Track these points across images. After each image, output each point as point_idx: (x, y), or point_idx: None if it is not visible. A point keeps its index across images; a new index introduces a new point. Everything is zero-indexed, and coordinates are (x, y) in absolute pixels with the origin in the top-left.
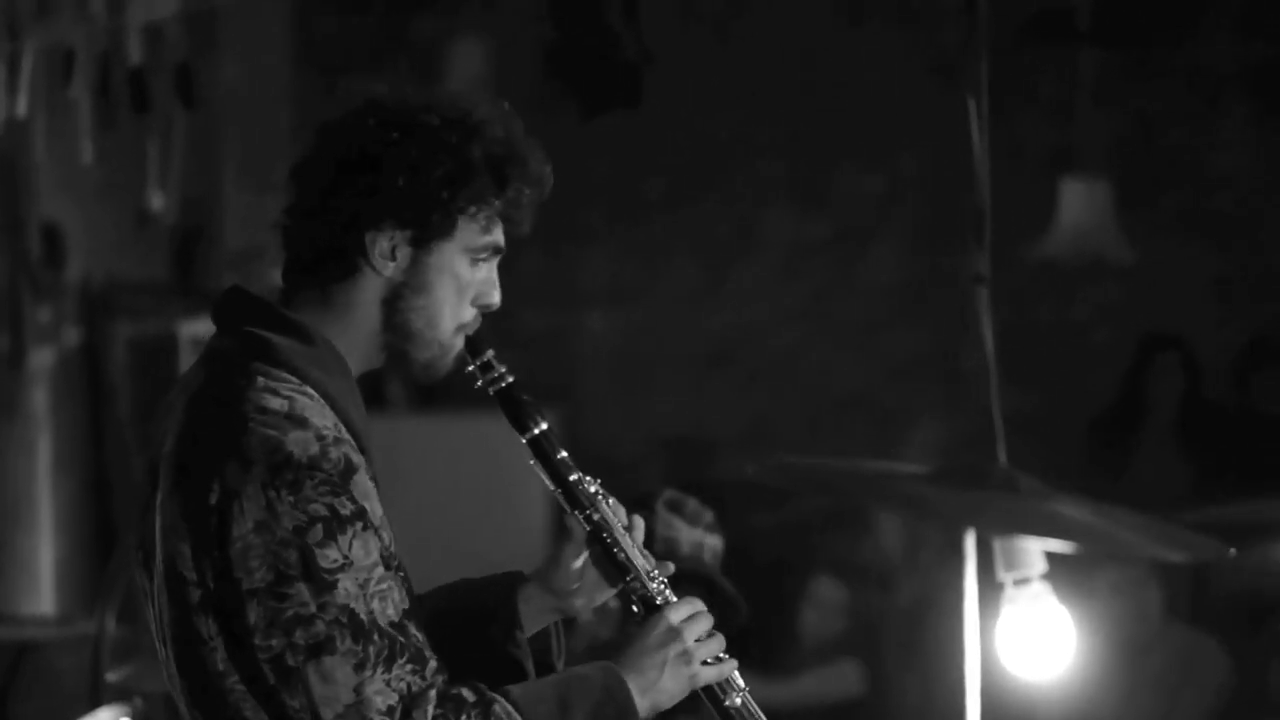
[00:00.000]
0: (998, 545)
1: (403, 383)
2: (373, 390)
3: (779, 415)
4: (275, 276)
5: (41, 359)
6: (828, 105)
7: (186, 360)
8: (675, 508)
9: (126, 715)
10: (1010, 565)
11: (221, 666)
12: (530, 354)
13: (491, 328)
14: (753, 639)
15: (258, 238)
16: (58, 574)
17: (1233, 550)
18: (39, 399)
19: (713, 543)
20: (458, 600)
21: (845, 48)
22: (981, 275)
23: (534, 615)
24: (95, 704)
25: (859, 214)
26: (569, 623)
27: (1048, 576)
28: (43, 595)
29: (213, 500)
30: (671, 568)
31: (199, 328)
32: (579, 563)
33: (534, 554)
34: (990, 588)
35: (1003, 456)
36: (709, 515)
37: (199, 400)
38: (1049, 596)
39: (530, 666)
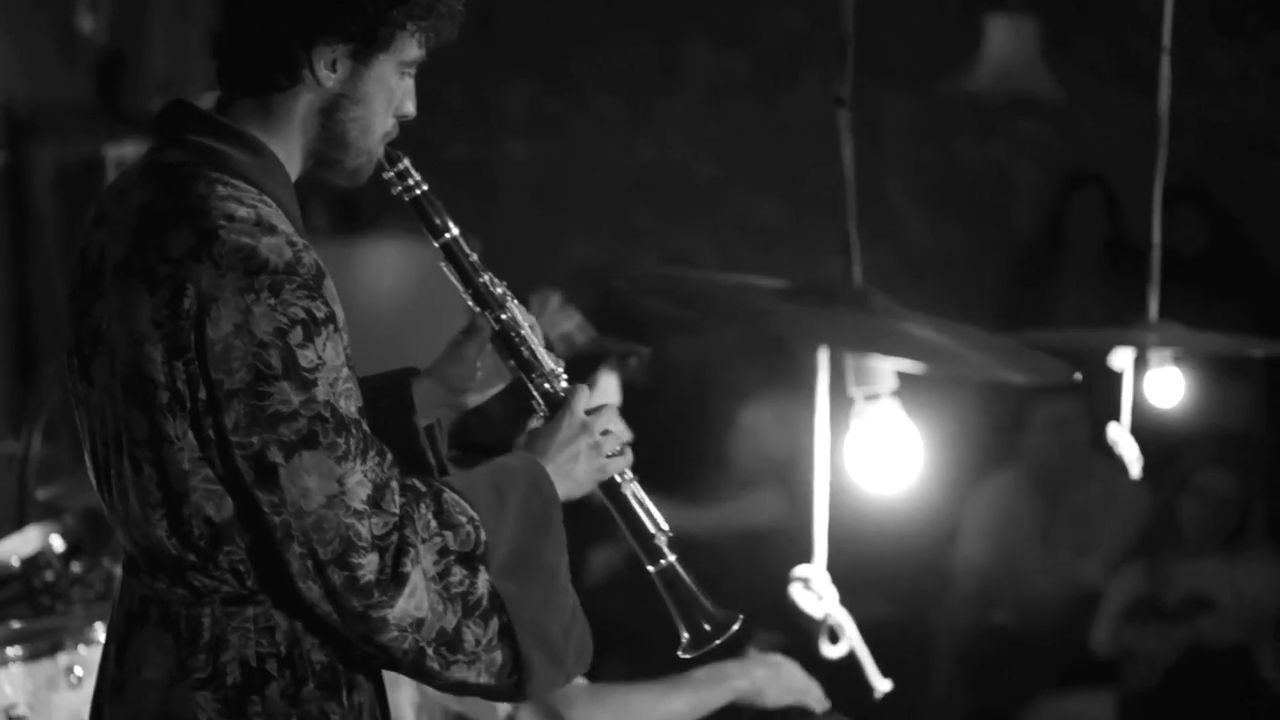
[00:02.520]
0: (849, 361)
1: (326, 207)
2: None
3: (699, 248)
4: (204, 102)
5: None
6: None
7: None
8: (556, 305)
9: (56, 533)
10: (860, 381)
11: (187, 466)
12: (451, 184)
13: (413, 157)
14: (675, 467)
15: (185, 62)
16: None
17: (1077, 375)
18: None
19: (581, 320)
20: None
21: None
22: (842, 98)
23: (426, 409)
24: (22, 522)
25: (779, 50)
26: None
27: (898, 393)
28: None
29: (186, 305)
30: (563, 364)
31: (126, 150)
32: (480, 360)
33: None
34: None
35: (858, 275)
36: (556, 298)
37: (157, 210)
38: (898, 412)
39: (431, 456)
